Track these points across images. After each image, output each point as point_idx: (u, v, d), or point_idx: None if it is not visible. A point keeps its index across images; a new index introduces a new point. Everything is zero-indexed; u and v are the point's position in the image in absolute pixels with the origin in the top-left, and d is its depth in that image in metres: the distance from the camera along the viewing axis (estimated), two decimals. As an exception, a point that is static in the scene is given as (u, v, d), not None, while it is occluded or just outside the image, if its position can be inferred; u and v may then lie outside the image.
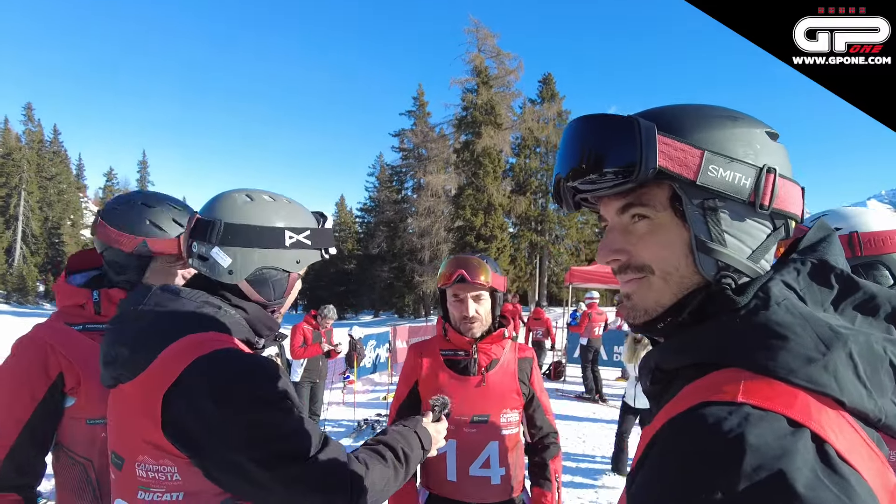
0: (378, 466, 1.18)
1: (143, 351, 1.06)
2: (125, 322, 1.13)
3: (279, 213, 1.24)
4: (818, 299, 0.68)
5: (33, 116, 55.57)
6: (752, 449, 0.54)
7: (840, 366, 0.60)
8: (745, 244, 0.72)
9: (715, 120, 0.72)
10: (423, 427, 1.40)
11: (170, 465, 1.03)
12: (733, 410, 0.58)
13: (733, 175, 0.69)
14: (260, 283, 1.23)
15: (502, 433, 1.98)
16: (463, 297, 1.98)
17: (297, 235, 1.24)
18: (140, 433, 1.04)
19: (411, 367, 2.09)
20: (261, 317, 1.24)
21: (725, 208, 0.71)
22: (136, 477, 1.05)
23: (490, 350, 2.03)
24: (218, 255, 1.17)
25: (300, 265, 1.27)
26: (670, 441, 0.63)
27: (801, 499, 0.50)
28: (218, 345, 1.05)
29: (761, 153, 0.71)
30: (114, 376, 1.10)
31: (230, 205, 1.21)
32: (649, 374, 0.79)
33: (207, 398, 0.99)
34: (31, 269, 48.27)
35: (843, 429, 0.57)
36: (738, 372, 0.63)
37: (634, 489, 0.66)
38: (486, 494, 1.96)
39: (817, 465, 0.53)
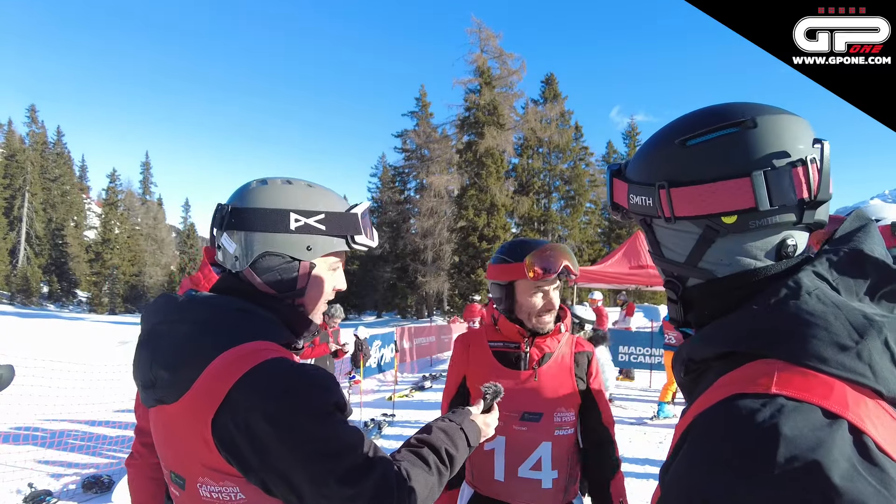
0: (420, 474, 1.10)
1: (183, 371, 1.00)
2: (157, 337, 1.07)
3: (288, 195, 1.15)
4: (852, 289, 0.67)
5: (37, 118, 55.77)
6: (786, 440, 0.53)
7: (875, 354, 0.59)
8: (675, 251, 0.81)
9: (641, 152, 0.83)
10: (470, 421, 1.32)
11: (232, 485, 0.98)
12: (767, 402, 0.58)
13: (642, 198, 0.81)
14: (264, 270, 1.13)
15: (556, 434, 1.83)
16: (547, 289, 1.86)
17: (305, 219, 1.14)
18: (196, 456, 0.99)
19: (459, 360, 1.99)
20: (294, 315, 1.17)
21: (656, 224, 0.82)
22: (200, 497, 1.01)
23: (544, 343, 1.89)
24: (225, 241, 1.13)
25: (312, 252, 1.16)
26: (703, 432, 0.63)
27: (838, 490, 0.49)
28: (262, 356, 0.99)
29: (657, 172, 0.78)
30: (156, 398, 1.05)
31: (242, 191, 1.15)
32: (682, 365, 0.80)
33: (259, 417, 0.94)
34: (34, 271, 48.39)
35: (882, 419, 0.56)
36: (771, 363, 0.63)
37: (668, 479, 0.66)
38: (536, 498, 1.82)
39: (855, 456, 0.52)
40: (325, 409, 1.00)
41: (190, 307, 1.08)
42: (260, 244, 1.12)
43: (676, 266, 0.81)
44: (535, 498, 1.82)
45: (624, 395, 11.02)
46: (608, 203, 0.90)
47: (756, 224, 0.72)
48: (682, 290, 0.82)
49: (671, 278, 0.83)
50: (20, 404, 6.04)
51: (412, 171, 44.19)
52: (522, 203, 35.78)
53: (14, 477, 5.16)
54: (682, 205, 0.75)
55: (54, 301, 51.48)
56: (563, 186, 39.09)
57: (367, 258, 47.15)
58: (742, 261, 0.74)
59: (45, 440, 6.16)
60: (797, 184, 0.70)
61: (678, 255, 0.80)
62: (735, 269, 0.75)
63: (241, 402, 0.95)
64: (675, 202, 0.75)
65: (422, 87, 44.31)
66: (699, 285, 0.79)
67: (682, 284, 0.82)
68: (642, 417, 8.75)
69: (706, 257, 0.77)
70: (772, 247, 0.74)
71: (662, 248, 0.83)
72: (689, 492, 0.59)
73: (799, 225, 0.73)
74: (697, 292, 0.80)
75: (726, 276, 0.76)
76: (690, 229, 0.77)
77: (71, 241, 53.77)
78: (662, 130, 0.81)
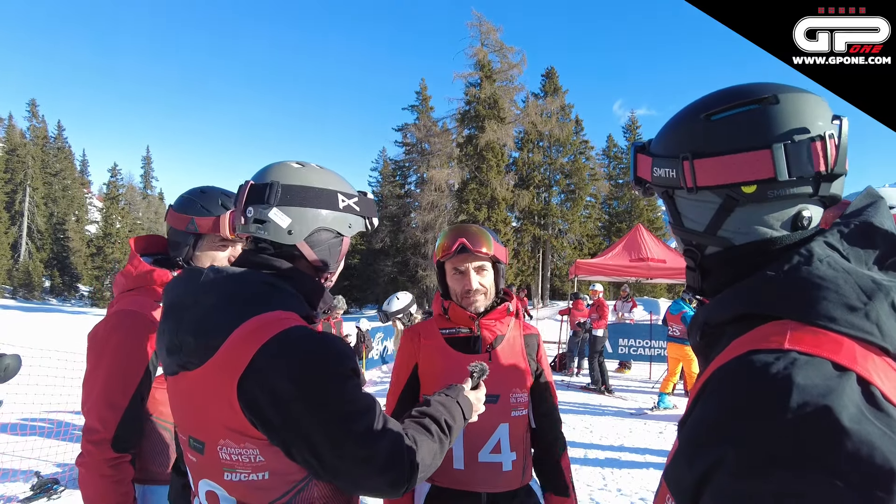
0: (426, 441, 1.16)
1: (208, 337, 1.05)
2: (183, 309, 1.12)
3: (331, 178, 1.26)
4: (861, 258, 0.71)
5: (37, 112, 55.76)
6: (798, 388, 0.57)
7: (882, 314, 0.63)
8: (696, 220, 0.85)
9: (666, 128, 0.88)
10: (464, 396, 1.38)
11: (252, 447, 1.03)
12: (780, 356, 0.62)
13: (665, 171, 0.85)
14: (317, 244, 1.23)
15: (512, 414, 1.83)
16: (465, 268, 1.85)
17: (348, 200, 1.26)
18: (219, 419, 1.04)
19: (409, 352, 1.93)
20: (313, 287, 1.24)
21: (678, 195, 0.87)
22: (219, 460, 1.05)
23: (494, 326, 1.89)
24: (277, 215, 1.18)
25: (352, 230, 1.29)
26: (720, 384, 0.68)
27: (847, 432, 0.53)
28: (286, 324, 1.04)
29: (682, 145, 0.83)
30: (179, 364, 1.10)
31: (285, 170, 1.22)
32: (698, 329, 0.85)
33: (285, 379, 0.99)
34: (36, 265, 48.37)
35: (888, 374, 0.61)
36: (783, 324, 0.67)
37: (686, 429, 0.71)
38: (498, 482, 1.79)
39: (863, 403, 0.56)
40: (345, 372, 1.05)
41: (215, 280, 1.13)
42: (316, 220, 1.22)
43: (696, 235, 0.86)
44: (496, 482, 1.79)
45: (624, 386, 11.08)
46: (631, 179, 0.95)
47: (774, 194, 0.76)
48: (700, 257, 0.87)
49: (690, 247, 0.88)
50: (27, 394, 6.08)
51: (413, 165, 44.08)
52: (523, 197, 35.77)
53: (22, 466, 5.20)
54: (704, 175, 0.80)
55: (56, 295, 51.49)
56: (564, 180, 39.09)
57: (368, 252, 47.18)
58: (759, 230, 0.79)
59: (52, 430, 6.23)
60: (815, 157, 0.74)
61: (698, 224, 0.85)
62: (752, 238, 0.80)
63: (266, 366, 1.00)
64: (698, 172, 0.80)
65: (422, 80, 44.17)
66: (717, 253, 0.84)
67: (700, 252, 0.87)
68: (642, 408, 8.82)
69: (725, 226, 0.81)
70: (788, 218, 0.78)
71: (683, 219, 0.88)
72: (708, 438, 0.64)
73: (814, 198, 0.77)
74: (715, 260, 0.85)
75: (743, 244, 0.80)
76: (711, 199, 0.81)
77: (72, 236, 53.77)
78: (688, 107, 0.86)
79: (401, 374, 1.94)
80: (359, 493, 1.13)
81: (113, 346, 1.60)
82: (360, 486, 1.06)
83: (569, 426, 7.52)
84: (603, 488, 5.00)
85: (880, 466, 0.52)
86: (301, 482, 1.08)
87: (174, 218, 1.81)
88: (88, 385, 1.62)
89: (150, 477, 1.69)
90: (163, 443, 1.71)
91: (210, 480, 1.10)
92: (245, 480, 1.05)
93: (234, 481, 1.06)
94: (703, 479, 0.63)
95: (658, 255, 13.10)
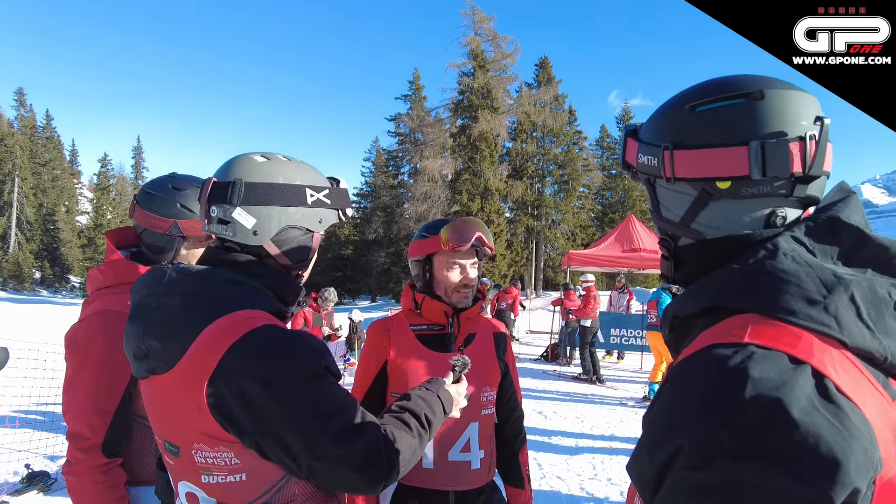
0: (405, 437, 1.15)
1: (174, 341, 1.03)
2: (148, 311, 1.09)
3: (298, 171, 1.21)
4: (827, 252, 0.72)
5: (25, 102, 54.94)
6: (753, 381, 0.59)
7: (841, 307, 0.64)
8: (672, 211, 0.86)
9: (654, 115, 0.88)
10: (444, 390, 1.36)
11: (226, 450, 1.02)
12: (739, 349, 0.64)
13: (648, 158, 0.85)
14: (285, 243, 1.19)
15: (482, 413, 1.83)
16: (463, 263, 1.85)
17: (317, 194, 1.21)
18: (191, 424, 1.02)
19: (378, 347, 1.85)
20: (284, 282, 1.21)
21: (658, 184, 0.87)
22: (195, 463, 1.04)
23: (467, 324, 1.89)
24: (241, 215, 1.14)
25: (322, 225, 1.24)
26: (680, 377, 0.70)
27: (796, 423, 0.55)
28: (253, 323, 1.02)
29: (665, 134, 0.83)
30: (147, 369, 1.08)
31: (248, 165, 1.17)
32: (668, 322, 0.87)
33: (253, 381, 0.97)
34: (26, 256, 48.08)
35: (845, 367, 0.62)
36: (746, 317, 0.69)
37: (648, 420, 0.73)
38: (466, 480, 1.79)
39: (815, 395, 0.58)
40: (316, 371, 1.04)
41: (179, 280, 1.10)
42: (282, 218, 1.17)
43: (671, 225, 0.87)
44: (464, 480, 1.79)
45: (615, 376, 11.17)
46: (620, 162, 0.95)
47: (748, 192, 0.76)
48: (674, 248, 0.88)
49: (665, 236, 0.90)
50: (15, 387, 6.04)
51: (406, 155, 43.89)
52: (516, 187, 35.71)
53: (11, 458, 5.19)
54: (682, 166, 0.80)
55: (47, 287, 51.18)
56: (557, 171, 39.02)
57: (361, 243, 47.10)
58: (730, 226, 0.79)
59: (42, 423, 6.21)
60: (791, 158, 0.73)
61: (674, 214, 0.86)
62: (723, 233, 0.80)
63: (233, 368, 0.98)
64: (677, 163, 0.80)
65: (415, 70, 43.94)
66: (689, 245, 0.85)
67: (674, 243, 0.88)
68: (634, 398, 8.89)
69: (699, 219, 0.82)
70: (761, 216, 0.78)
71: (661, 208, 0.88)
72: (666, 429, 0.65)
73: (790, 198, 0.77)
74: (687, 251, 0.86)
75: (714, 238, 0.81)
76: (687, 191, 0.82)
77: (63, 227, 53.31)
78: (676, 96, 0.86)
79: (367, 371, 1.87)
80: (337, 490, 1.13)
81: (97, 350, 1.53)
82: (339, 485, 1.06)
83: (560, 416, 7.57)
84: (593, 478, 5.04)
85: (826, 457, 0.53)
86: (280, 481, 1.08)
87: (149, 219, 1.70)
88: (71, 390, 1.57)
89: (137, 478, 1.64)
90: (146, 441, 1.65)
91: (188, 482, 1.09)
92: (223, 482, 1.04)
93: (212, 483, 1.05)
94: (662, 471, 0.64)
95: (650, 245, 13.17)
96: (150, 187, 1.75)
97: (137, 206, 1.72)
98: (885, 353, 0.64)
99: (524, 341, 16.94)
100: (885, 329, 0.66)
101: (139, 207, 1.72)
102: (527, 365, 12.28)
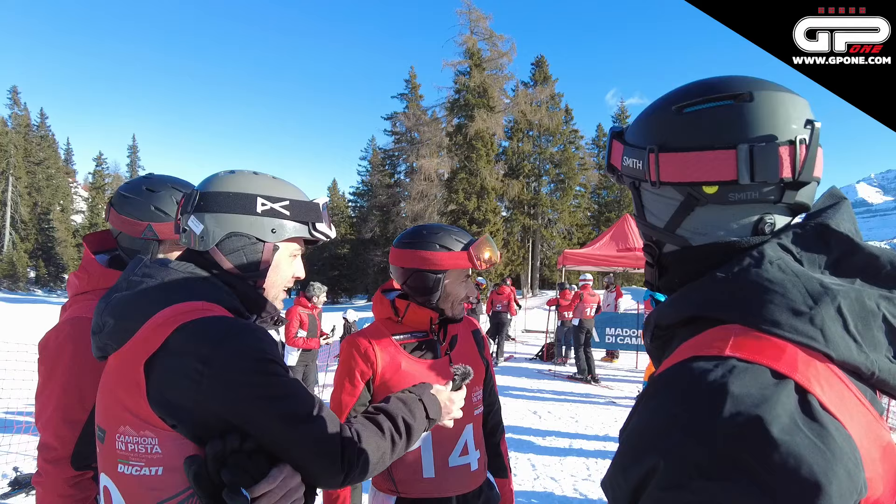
0: (373, 438, 1.14)
1: (128, 320, 1.05)
2: (115, 291, 1.13)
3: (255, 182, 1.22)
4: (815, 261, 0.69)
5: (19, 100, 54.65)
6: (733, 397, 0.56)
7: (828, 319, 0.61)
8: (657, 216, 0.82)
9: (639, 116, 0.85)
10: (430, 395, 1.33)
11: (150, 436, 0.99)
12: (719, 363, 0.61)
13: (632, 161, 0.82)
14: (231, 250, 1.19)
15: (475, 413, 1.82)
16: (471, 275, 1.87)
17: (271, 203, 1.21)
18: (122, 402, 1.01)
19: (363, 363, 1.73)
20: (249, 293, 1.21)
21: (643, 188, 0.83)
22: (115, 450, 1.02)
23: (455, 328, 1.89)
24: (192, 222, 1.17)
25: (276, 235, 1.22)
26: (658, 390, 0.67)
27: (776, 444, 0.52)
28: (206, 312, 1.04)
29: (651, 136, 0.80)
30: (100, 346, 1.10)
31: (211, 178, 1.23)
32: (650, 332, 0.83)
33: (194, 359, 0.98)
34: (21, 256, 47.90)
35: (831, 383, 0.59)
36: (729, 328, 0.66)
37: (624, 436, 0.69)
38: (467, 483, 1.78)
39: (797, 413, 0.55)
40: (261, 356, 1.03)
41: (151, 267, 1.15)
42: (227, 225, 1.18)
43: (656, 231, 0.83)
44: (465, 483, 1.78)
45: (611, 375, 11.19)
46: (605, 165, 0.92)
47: (736, 197, 0.73)
48: (658, 254, 0.85)
49: (650, 242, 0.86)
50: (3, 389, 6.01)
51: (402, 154, 43.94)
52: (512, 186, 35.76)
53: (0, 461, 5.15)
54: (668, 170, 0.76)
55: (42, 286, 51.01)
56: (553, 169, 39.10)
57: (357, 242, 47.14)
58: (717, 232, 0.76)
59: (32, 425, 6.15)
60: (780, 163, 0.70)
61: (659, 220, 0.82)
62: (709, 240, 0.77)
63: (177, 347, 0.99)
64: (662, 167, 0.77)
65: (412, 69, 44.00)
66: (674, 252, 0.82)
67: (659, 249, 0.85)
68: (629, 397, 8.90)
69: (684, 225, 0.79)
70: (749, 223, 0.75)
71: (646, 212, 0.85)
72: (641, 447, 0.62)
73: (779, 205, 0.74)
74: (671, 258, 0.82)
75: (700, 245, 0.78)
76: (673, 196, 0.78)
77: (58, 226, 53.08)
78: (663, 97, 0.83)
79: (353, 390, 1.73)
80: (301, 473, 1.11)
81: (68, 358, 1.48)
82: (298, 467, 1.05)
83: (554, 416, 7.57)
84: (587, 479, 5.03)
85: (808, 480, 0.51)
86: None
87: (123, 223, 1.65)
88: (43, 398, 1.50)
89: None
90: None
91: (106, 475, 1.06)
92: (137, 475, 1.01)
93: (126, 475, 1.01)
94: (637, 490, 0.62)
95: (646, 245, 13.11)
96: (125, 189, 1.72)
97: (112, 210, 1.69)
98: (872, 367, 0.61)
99: (520, 340, 16.96)
100: (872, 342, 0.63)
101: (114, 210, 1.68)
102: (522, 364, 12.29)
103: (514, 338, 16.96)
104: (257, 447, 1.01)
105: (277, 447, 1.02)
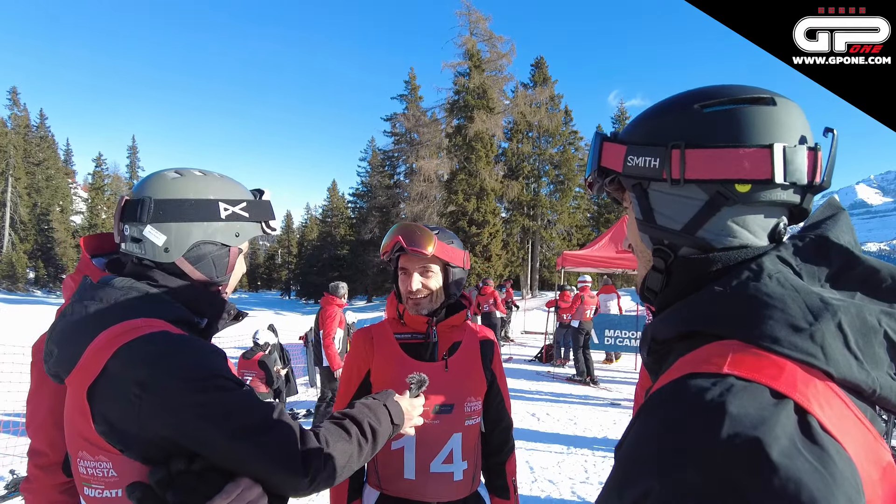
0: (340, 443, 1.14)
1: (70, 347, 1.04)
2: (62, 317, 1.11)
3: (211, 185, 1.21)
4: (815, 274, 0.68)
5: (19, 101, 54.62)
6: (731, 418, 0.54)
7: (828, 336, 0.60)
8: (672, 217, 0.79)
9: (645, 116, 0.83)
10: (394, 401, 1.34)
11: (105, 460, 1.00)
12: (717, 381, 0.59)
13: (645, 160, 0.79)
14: (198, 259, 1.19)
15: (466, 424, 1.78)
16: (409, 269, 1.78)
17: (232, 207, 1.21)
18: (76, 429, 1.02)
19: (362, 355, 1.82)
20: (197, 295, 1.20)
21: (653, 188, 0.80)
22: (80, 474, 1.03)
23: (451, 332, 1.85)
24: (151, 233, 1.14)
25: (239, 239, 1.23)
26: (654, 408, 0.65)
27: (775, 467, 0.50)
28: (142, 331, 1.02)
29: (671, 133, 0.77)
30: (52, 374, 1.09)
31: (159, 182, 1.17)
32: (646, 346, 0.81)
33: (132, 384, 0.96)
34: (20, 256, 47.78)
35: (831, 402, 0.57)
36: (727, 344, 0.64)
37: (619, 455, 0.67)
38: (448, 492, 1.76)
39: (797, 434, 0.54)
40: (202, 374, 1.01)
41: (92, 288, 1.12)
42: (195, 234, 1.17)
43: (670, 234, 0.80)
44: (446, 492, 1.76)
45: (610, 377, 11.18)
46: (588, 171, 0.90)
47: (766, 198, 0.73)
48: (673, 259, 0.81)
49: (661, 246, 0.82)
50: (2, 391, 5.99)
51: (401, 155, 43.91)
52: (512, 187, 35.73)
53: (-3, 463, 5.15)
54: (696, 167, 0.74)
55: (41, 287, 50.92)
56: (553, 171, 39.07)
57: (356, 243, 47.12)
58: (743, 234, 0.75)
59: (32, 429, 6.14)
60: (809, 165, 0.71)
61: (675, 222, 0.79)
62: (735, 243, 0.75)
63: (115, 372, 0.98)
64: (689, 163, 0.75)
65: (411, 70, 43.93)
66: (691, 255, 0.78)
67: (674, 253, 0.81)
68: (628, 399, 8.90)
69: (707, 226, 0.76)
70: (770, 226, 0.75)
71: (656, 214, 0.81)
72: (636, 468, 0.60)
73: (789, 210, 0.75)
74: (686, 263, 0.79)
75: (724, 247, 0.76)
76: (695, 195, 0.76)
77: (57, 227, 52.99)
78: (675, 97, 0.81)
79: (351, 381, 1.84)
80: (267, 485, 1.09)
81: None
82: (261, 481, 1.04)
83: (552, 418, 7.56)
84: (585, 481, 5.02)
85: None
86: None
87: None
88: (33, 403, 1.46)
89: None
90: None
91: (81, 496, 1.07)
92: (100, 497, 1.01)
93: (92, 497, 1.03)
94: None
95: (646, 246, 13.10)
96: None
97: None
98: (873, 385, 0.60)
99: (519, 342, 16.95)
100: (873, 359, 0.61)
101: None
102: (520, 366, 12.29)
103: (513, 339, 16.95)
104: (210, 465, 0.99)
105: (231, 463, 1.01)
